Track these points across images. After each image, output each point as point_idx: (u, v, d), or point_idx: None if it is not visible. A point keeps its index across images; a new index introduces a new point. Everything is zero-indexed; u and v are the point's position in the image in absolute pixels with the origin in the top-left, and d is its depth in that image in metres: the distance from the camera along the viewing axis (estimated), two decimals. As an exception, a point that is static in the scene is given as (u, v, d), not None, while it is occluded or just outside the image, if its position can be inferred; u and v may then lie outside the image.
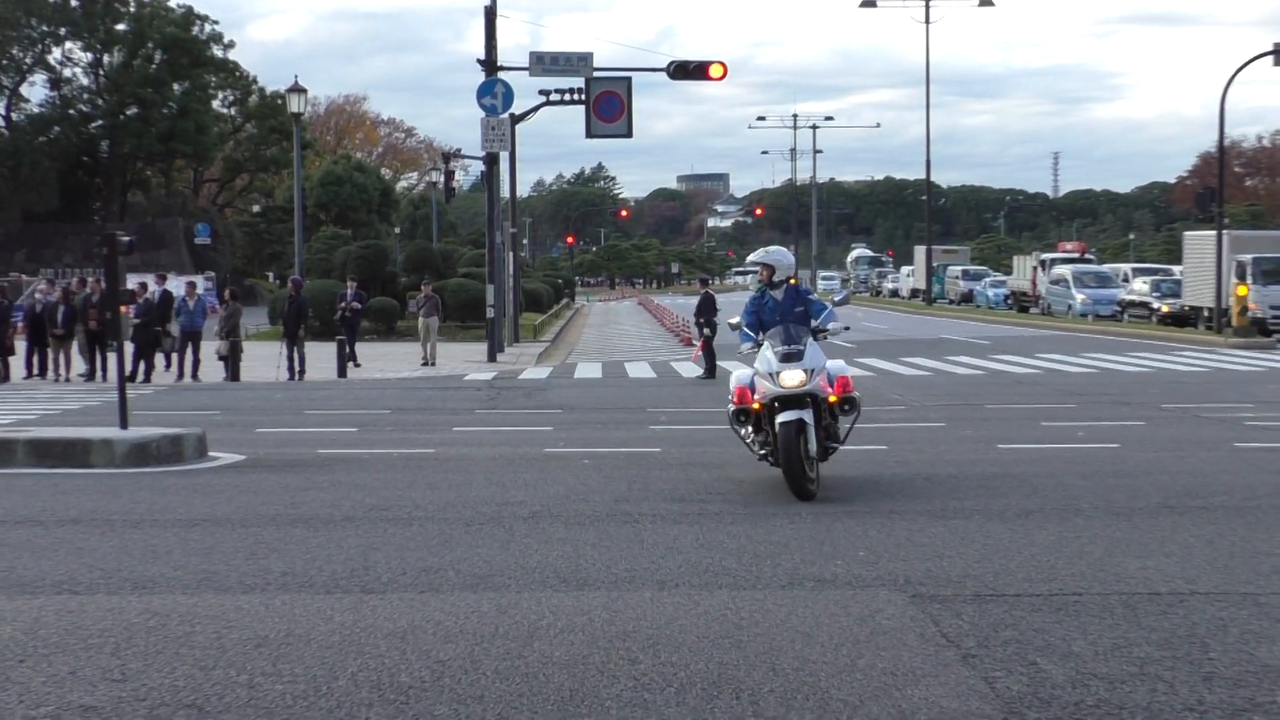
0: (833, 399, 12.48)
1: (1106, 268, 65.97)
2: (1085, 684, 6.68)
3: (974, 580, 9.00)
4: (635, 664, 7.09)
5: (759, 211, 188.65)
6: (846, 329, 14.17)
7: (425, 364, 33.97)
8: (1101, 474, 13.94)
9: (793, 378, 12.25)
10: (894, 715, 6.24)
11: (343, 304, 34.93)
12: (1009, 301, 69.98)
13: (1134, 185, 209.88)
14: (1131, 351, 36.73)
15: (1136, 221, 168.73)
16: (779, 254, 13.61)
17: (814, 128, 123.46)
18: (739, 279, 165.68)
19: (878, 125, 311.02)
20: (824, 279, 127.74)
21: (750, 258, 13.79)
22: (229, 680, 6.86)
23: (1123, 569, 9.32)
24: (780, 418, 12.16)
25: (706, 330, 29.64)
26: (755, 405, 12.53)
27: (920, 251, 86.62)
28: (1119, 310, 54.69)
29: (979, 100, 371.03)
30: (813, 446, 12.19)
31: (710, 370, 29.23)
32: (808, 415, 12.16)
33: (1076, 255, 74.73)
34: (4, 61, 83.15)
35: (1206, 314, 45.90)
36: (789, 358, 12.35)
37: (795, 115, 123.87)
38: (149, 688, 6.75)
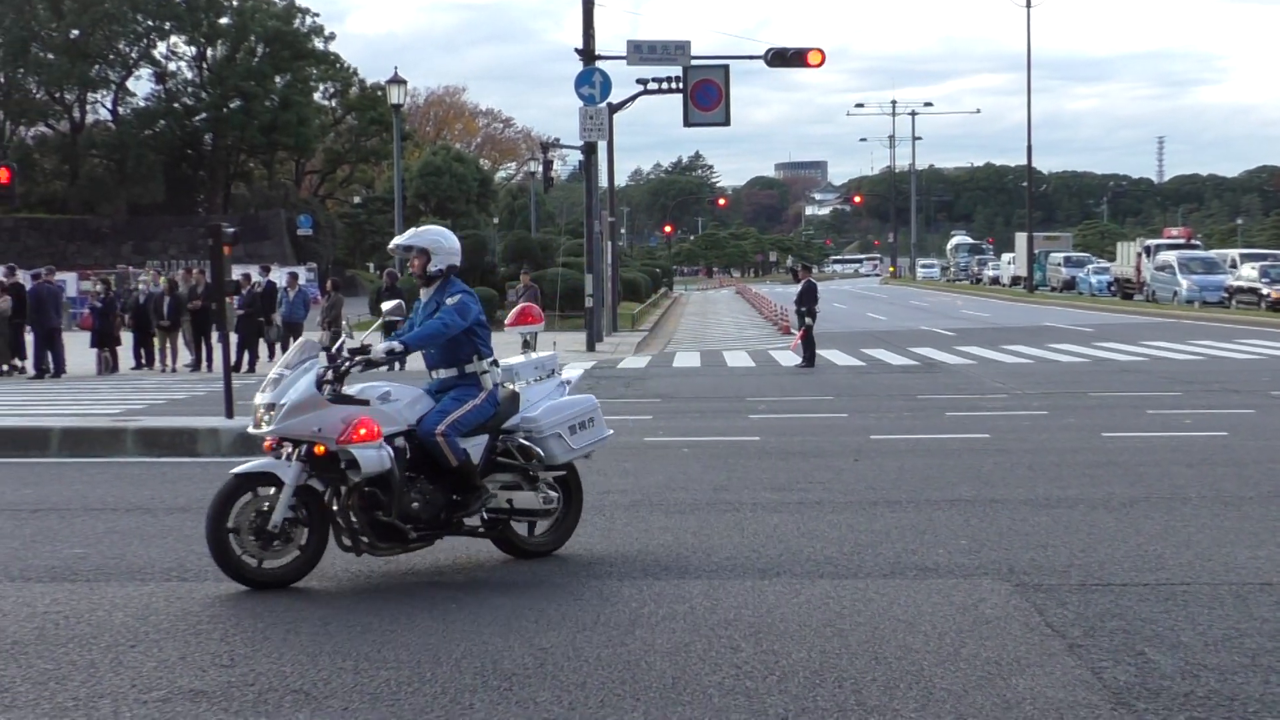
0: (320, 450, 8.77)
1: (1213, 253, 64.87)
2: (1195, 675, 6.59)
3: (1079, 569, 8.90)
4: (737, 652, 7.08)
5: (857, 199, 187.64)
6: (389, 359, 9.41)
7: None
8: (1210, 462, 13.73)
9: (254, 412, 9.01)
10: (999, 705, 6.19)
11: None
12: (1112, 288, 69.03)
13: (1242, 169, 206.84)
14: (1240, 338, 36.10)
15: (1244, 206, 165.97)
16: (433, 236, 9.68)
17: (913, 114, 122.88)
18: (837, 268, 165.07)
19: (978, 111, 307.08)
20: (923, 267, 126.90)
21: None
22: (335, 666, 6.94)
23: (1232, 559, 9.17)
24: (236, 469, 8.94)
25: (808, 319, 29.48)
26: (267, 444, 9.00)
27: (1021, 238, 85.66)
28: (1226, 297, 53.74)
29: (1083, 84, 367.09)
30: (276, 517, 8.65)
31: (810, 359, 29.11)
32: (283, 470, 8.75)
33: (1182, 241, 73.60)
34: (111, 56, 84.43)
35: (1318, 300, 45.03)
36: (267, 385, 9.01)
37: (894, 102, 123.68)
38: (257, 673, 6.84)
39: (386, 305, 9.49)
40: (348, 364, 9.07)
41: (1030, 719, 6.03)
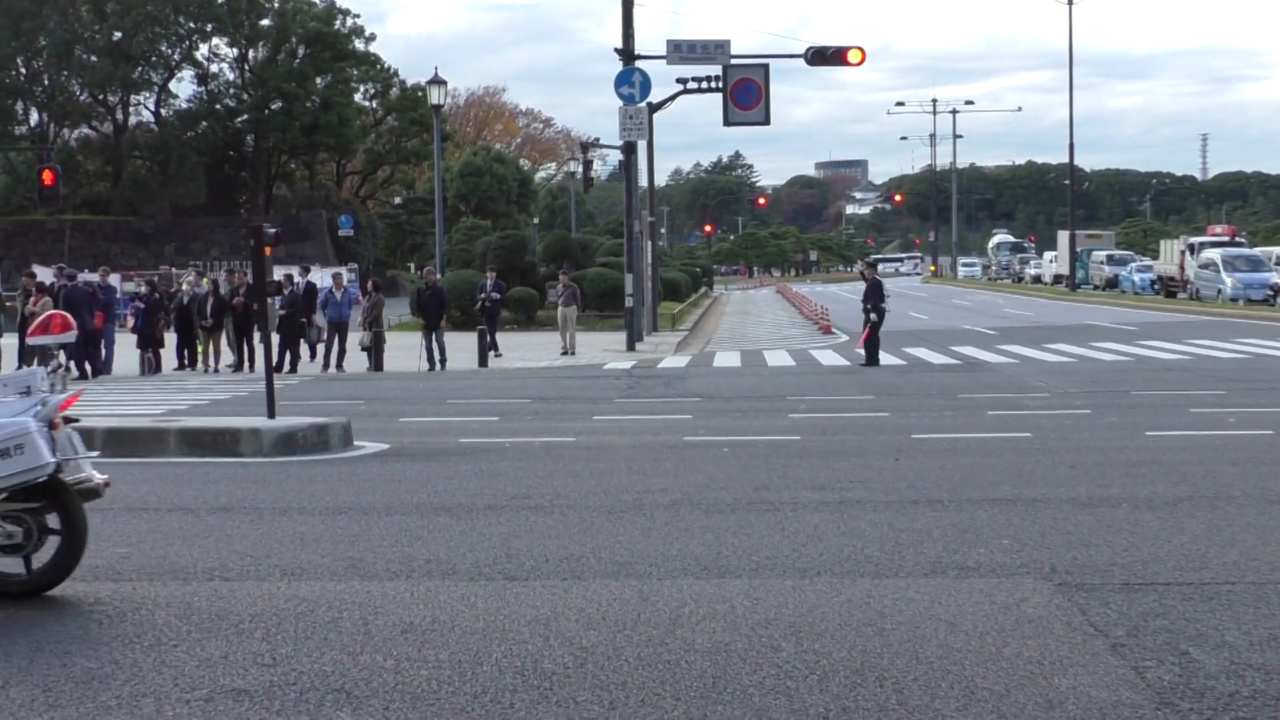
0: None
1: (1258, 251, 64.39)
2: (1240, 674, 6.53)
3: (1122, 569, 8.84)
4: (778, 651, 7.06)
5: (898, 198, 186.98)
6: None
7: (565, 353, 34.16)
8: (1254, 461, 13.62)
9: None
10: (1042, 704, 6.15)
11: (483, 294, 35.23)
12: (1155, 287, 68.61)
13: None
14: (1284, 336, 35.83)
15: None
16: None
17: (954, 112, 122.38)
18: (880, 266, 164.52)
19: (1019, 109, 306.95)
20: (964, 266, 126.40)
21: None
22: (376, 665, 6.95)
23: (1278, 558, 9.10)
24: None
25: (873, 316, 29.22)
26: None
27: (1063, 236, 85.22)
28: (1271, 294, 53.36)
29: (1126, 81, 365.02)
30: None
31: (872, 358, 28.82)
32: None
33: (1226, 239, 72.99)
34: (153, 58, 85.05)
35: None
36: None
37: (935, 100, 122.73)
38: (298, 672, 6.86)
39: None
40: None
41: (1073, 719, 5.99)
